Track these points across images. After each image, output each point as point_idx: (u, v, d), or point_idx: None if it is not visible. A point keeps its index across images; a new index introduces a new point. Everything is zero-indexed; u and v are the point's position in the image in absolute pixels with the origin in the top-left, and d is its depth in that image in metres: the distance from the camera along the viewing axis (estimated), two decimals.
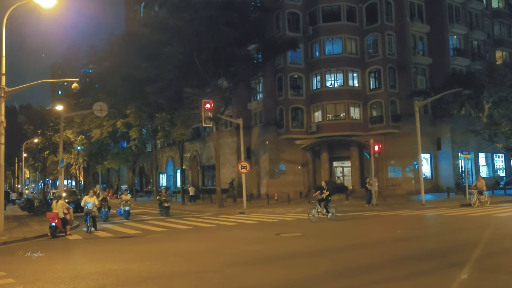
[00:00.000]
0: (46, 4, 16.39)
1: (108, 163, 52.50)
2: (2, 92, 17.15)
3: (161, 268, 9.58)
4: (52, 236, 16.32)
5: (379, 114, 38.43)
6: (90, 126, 44.70)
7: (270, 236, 14.57)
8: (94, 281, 8.41)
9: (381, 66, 38.15)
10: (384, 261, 9.62)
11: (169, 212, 25.50)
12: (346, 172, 40.34)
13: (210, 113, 26.71)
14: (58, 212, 16.69)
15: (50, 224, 16.55)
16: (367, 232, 15.76)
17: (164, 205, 25.56)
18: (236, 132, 37.81)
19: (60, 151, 27.81)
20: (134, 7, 62.79)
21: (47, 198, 38.45)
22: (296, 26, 40.23)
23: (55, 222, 16.46)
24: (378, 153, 27.45)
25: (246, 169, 28.52)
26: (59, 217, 16.67)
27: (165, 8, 35.47)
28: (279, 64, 39.87)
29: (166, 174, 57.30)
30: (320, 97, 39.13)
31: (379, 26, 38.33)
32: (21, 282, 8.54)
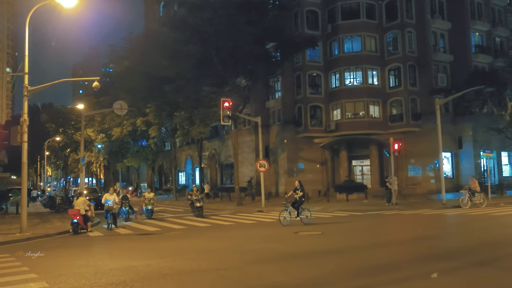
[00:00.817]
0: (67, 4, 16.62)
1: (128, 161, 53.10)
2: (25, 91, 17.47)
3: (181, 265, 9.65)
4: (74, 232, 16.61)
5: (399, 112, 38.01)
6: (111, 124, 45.23)
7: (288, 234, 14.54)
8: (115, 277, 8.52)
9: (401, 63, 37.71)
10: (404, 260, 9.52)
11: (203, 213, 22.89)
12: (365, 170, 40.01)
13: (228, 112, 26.75)
14: (79, 209, 17.00)
15: (72, 220, 16.84)
16: (387, 231, 15.62)
17: (196, 205, 22.91)
18: (255, 130, 37.81)
19: (81, 149, 28.23)
20: (154, 6, 63.29)
21: (69, 196, 39.13)
22: (314, 24, 40.02)
23: (76, 219, 16.77)
24: (398, 151, 27.17)
25: (265, 167, 28.50)
26: (81, 214, 16.99)
27: (184, 7, 35.65)
28: (297, 62, 39.72)
29: (185, 172, 57.64)
30: (339, 95, 38.89)
31: (399, 23, 37.89)
32: (43, 277, 8.69)
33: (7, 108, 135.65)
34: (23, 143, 16.88)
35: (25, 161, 17.17)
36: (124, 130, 43.97)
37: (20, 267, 9.87)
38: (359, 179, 39.20)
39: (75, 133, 50.43)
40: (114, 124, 44.55)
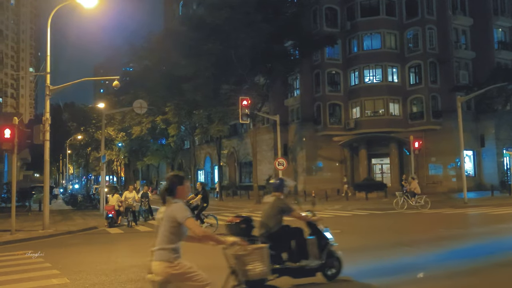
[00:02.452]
0: (88, 4, 16.85)
1: (148, 159, 53.63)
2: (47, 91, 17.77)
3: (201, 261, 9.66)
4: (109, 225, 17.92)
5: (419, 110, 37.55)
6: (131, 123, 45.67)
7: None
8: (135, 274, 8.61)
9: (421, 60, 37.23)
10: (426, 259, 9.40)
11: None
12: (385, 169, 39.63)
13: (247, 110, 26.75)
14: (114, 205, 18.54)
15: (107, 215, 18.44)
16: (408, 229, 15.44)
17: None
18: (273, 128, 37.80)
19: (102, 148, 28.56)
20: (173, 5, 63.74)
21: (90, 193, 39.70)
22: (333, 22, 39.78)
23: (112, 214, 18.25)
24: (418, 150, 26.88)
25: (283, 165, 28.42)
26: (115, 209, 18.50)
27: (203, 6, 35.87)
28: (316, 60, 39.55)
29: (204, 170, 57.96)
30: (358, 93, 38.61)
31: (420, 19, 37.40)
32: (65, 273, 8.84)
33: (30, 107, 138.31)
34: (45, 142, 17.17)
35: (47, 159, 17.46)
36: (144, 129, 44.35)
37: (43, 263, 10.05)
38: (379, 178, 38.84)
39: (96, 132, 51.04)
40: (134, 123, 44.97)
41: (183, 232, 4.28)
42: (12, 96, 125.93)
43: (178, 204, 4.28)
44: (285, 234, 7.14)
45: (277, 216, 7.05)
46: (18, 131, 16.06)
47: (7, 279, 8.42)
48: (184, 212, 4.20)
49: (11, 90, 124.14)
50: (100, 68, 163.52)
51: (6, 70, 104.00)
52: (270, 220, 7.04)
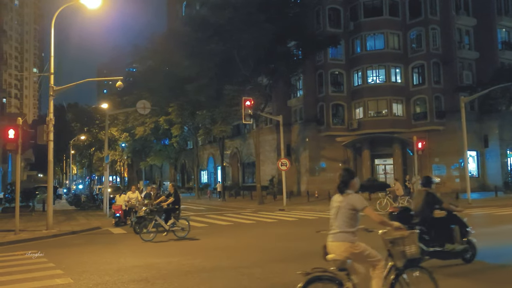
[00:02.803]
0: (92, 5, 16.91)
1: (151, 159, 53.71)
2: (50, 91, 17.84)
3: (202, 262, 9.72)
4: (116, 225, 18.27)
5: (423, 110, 37.48)
6: (134, 123, 45.77)
7: (310, 233, 14.47)
8: (137, 274, 8.65)
9: (425, 61, 37.16)
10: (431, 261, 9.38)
11: None
12: (388, 169, 39.55)
13: (250, 110, 26.81)
14: (121, 205, 19.06)
15: (115, 214, 18.91)
16: None
17: None
18: (276, 129, 37.78)
19: (105, 148, 28.64)
20: (176, 6, 63.79)
21: (93, 194, 39.80)
22: (337, 22, 39.75)
23: (119, 213, 18.63)
24: (421, 150, 26.84)
25: (286, 166, 28.47)
26: (122, 209, 18.82)
27: (206, 7, 35.84)
28: (319, 60, 39.54)
29: (207, 171, 58.01)
30: (361, 94, 38.57)
31: (423, 20, 37.33)
32: (68, 273, 8.87)
33: (34, 107, 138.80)
34: (49, 142, 17.24)
35: (51, 159, 17.53)
36: (147, 129, 44.45)
37: (47, 263, 10.09)
38: (382, 178, 38.78)
39: (100, 132, 51.21)
40: (138, 123, 45.07)
41: (358, 218, 5.05)
42: (16, 96, 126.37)
43: (355, 194, 5.11)
44: (443, 221, 8.69)
45: (430, 207, 8.50)
46: (22, 131, 16.13)
47: (11, 279, 8.46)
48: (362, 202, 5.01)
49: (15, 90, 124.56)
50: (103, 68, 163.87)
51: (10, 70, 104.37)
52: (424, 211, 8.47)
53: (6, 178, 48.33)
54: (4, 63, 48.85)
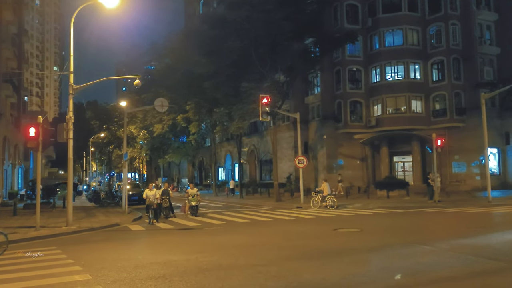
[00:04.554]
0: (109, 4, 17.07)
1: (169, 157, 54.14)
2: (70, 90, 18.09)
3: (219, 260, 9.76)
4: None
5: (442, 107, 36.96)
6: (152, 121, 46.18)
7: (327, 231, 14.45)
8: (155, 271, 8.72)
9: (444, 57, 36.62)
10: (448, 260, 9.27)
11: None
12: (407, 167, 39.17)
13: (267, 108, 26.76)
14: (157, 198, 19.94)
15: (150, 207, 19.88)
16: (430, 229, 15.24)
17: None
18: (293, 126, 37.72)
19: (124, 146, 28.88)
20: (193, 4, 64.05)
21: (112, 190, 40.25)
22: (354, 18, 39.42)
23: (154, 206, 19.50)
24: (441, 147, 26.37)
25: (303, 163, 28.39)
26: (157, 203, 19.80)
27: (223, 4, 35.92)
28: (337, 57, 39.29)
29: (225, 168, 58.19)
30: (379, 90, 38.21)
31: (443, 15, 36.78)
32: (87, 269, 9.00)
33: (55, 105, 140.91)
34: (69, 140, 17.48)
35: (70, 157, 17.78)
36: (165, 127, 44.81)
37: (66, 260, 10.25)
38: (401, 176, 38.40)
39: (118, 130, 51.69)
40: (156, 121, 45.48)
41: None
42: (37, 94, 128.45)
43: None
44: None
45: None
46: (42, 129, 16.38)
47: (31, 274, 8.61)
48: None
49: (36, 89, 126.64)
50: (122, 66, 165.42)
51: (32, 69, 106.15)
52: None
53: (28, 175, 49.24)
54: (26, 62, 49.69)
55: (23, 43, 46.09)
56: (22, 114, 45.57)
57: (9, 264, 9.82)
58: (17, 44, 41.98)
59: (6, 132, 35.65)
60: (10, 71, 37.69)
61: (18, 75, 40.44)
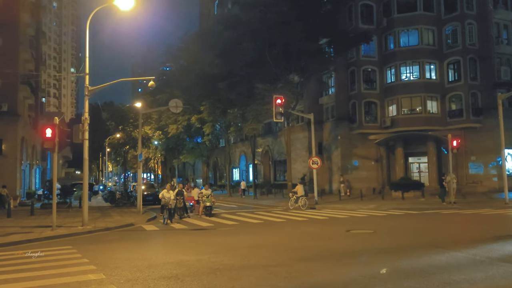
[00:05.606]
0: (124, 7, 17.27)
1: (184, 157, 54.42)
2: (86, 91, 18.34)
3: (231, 260, 9.82)
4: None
5: (459, 107, 36.55)
6: (167, 122, 46.52)
7: (340, 233, 14.42)
8: (167, 271, 8.82)
9: (460, 57, 36.21)
10: (462, 262, 9.20)
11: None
12: (422, 168, 38.79)
13: (281, 108, 26.78)
14: (193, 196, 22.89)
15: (189, 203, 22.60)
16: (444, 230, 15.11)
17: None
18: (308, 127, 37.62)
19: (139, 146, 29.19)
20: (208, 5, 64.39)
21: (128, 191, 40.63)
22: (369, 18, 39.20)
23: (192, 202, 22.66)
24: (456, 148, 26.12)
25: (317, 164, 28.34)
26: (195, 199, 22.74)
27: (238, 5, 36.02)
28: (351, 57, 39.11)
29: (239, 168, 58.32)
30: (394, 91, 37.94)
31: (459, 15, 36.37)
32: (101, 269, 9.13)
33: (71, 106, 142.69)
34: (84, 141, 17.70)
35: (86, 157, 18.01)
36: (180, 127, 45.10)
37: (81, 259, 10.42)
38: (416, 177, 38.06)
39: (134, 131, 52.18)
40: (170, 122, 45.80)
41: None
42: (55, 96, 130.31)
43: None
44: None
45: None
46: (59, 130, 16.65)
47: (47, 273, 8.77)
48: None
49: (53, 90, 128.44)
50: (137, 67, 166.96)
51: (49, 71, 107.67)
52: None
53: (45, 175, 49.96)
54: (43, 64, 50.45)
55: (40, 45, 46.79)
56: (40, 115, 46.28)
57: (25, 263, 10.01)
58: (34, 46, 42.65)
59: (24, 133, 36.24)
60: (28, 73, 38.31)
61: (36, 76, 41.08)
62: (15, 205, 29.56)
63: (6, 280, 8.30)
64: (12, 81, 32.22)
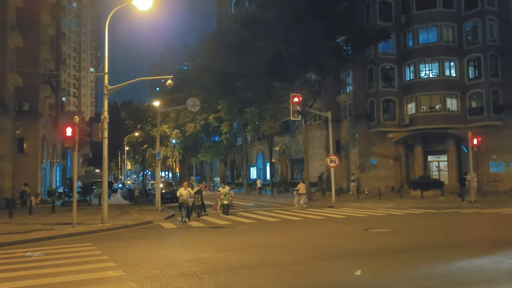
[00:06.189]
0: (142, 7, 17.43)
1: (202, 156, 54.71)
2: (105, 90, 18.56)
3: (248, 258, 9.85)
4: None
5: (479, 105, 35.98)
6: (185, 120, 46.80)
7: (358, 231, 14.34)
8: (186, 268, 8.89)
9: (481, 53, 35.62)
10: (483, 262, 9.05)
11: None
12: (442, 166, 38.31)
13: (298, 107, 26.70)
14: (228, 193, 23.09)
15: None
16: (464, 230, 14.90)
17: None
18: (325, 125, 37.47)
19: (157, 145, 29.40)
20: (226, 4, 64.51)
21: (146, 189, 40.99)
22: (387, 15, 38.82)
23: None
24: (477, 147, 25.70)
25: (335, 163, 28.19)
26: None
27: (255, 4, 36.02)
28: (369, 55, 38.80)
29: (256, 167, 58.37)
30: (413, 88, 37.53)
31: (479, 11, 35.78)
32: (121, 266, 9.25)
33: (91, 105, 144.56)
34: (104, 139, 17.92)
35: (105, 155, 18.23)
36: (197, 126, 45.34)
37: (101, 256, 10.56)
38: (435, 176, 37.62)
39: (152, 129, 52.57)
40: (188, 120, 46.08)
41: None
42: (75, 95, 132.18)
43: None
44: None
45: None
46: (79, 129, 16.89)
47: (68, 270, 8.92)
48: None
49: (73, 89, 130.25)
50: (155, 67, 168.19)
51: (69, 70, 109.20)
52: None
53: (66, 173, 50.71)
54: (63, 64, 51.20)
55: (60, 45, 47.49)
56: (60, 114, 47.00)
57: (47, 260, 10.20)
58: (55, 46, 43.31)
59: (45, 131, 36.84)
60: (49, 73, 38.93)
61: (56, 76, 41.71)
62: (37, 202, 30.10)
63: (28, 276, 8.46)
64: (33, 80, 32.78)
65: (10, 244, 12.94)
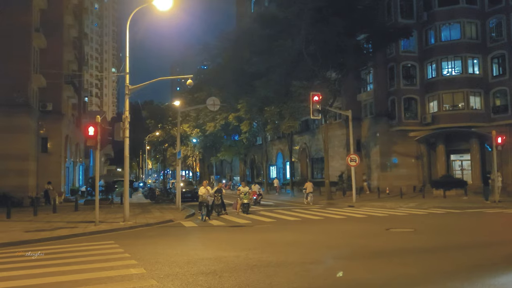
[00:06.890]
0: (163, 7, 17.59)
1: (222, 155, 54.95)
2: (126, 90, 18.79)
3: (268, 257, 9.86)
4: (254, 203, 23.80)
5: (503, 103, 35.27)
6: (205, 120, 47.03)
7: (378, 231, 14.23)
8: (206, 266, 8.95)
9: (505, 50, 34.90)
10: (507, 264, 8.91)
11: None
12: (465, 166, 37.67)
13: (318, 106, 26.60)
14: (255, 191, 26.19)
15: (253, 197, 24.54)
16: (488, 230, 14.66)
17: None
18: (345, 124, 37.21)
19: (177, 144, 29.62)
20: (245, 3, 64.59)
21: (167, 188, 41.35)
22: (409, 13, 38.34)
23: (255, 197, 25.87)
24: (501, 145, 25.21)
25: (356, 162, 28.01)
26: (257, 194, 26.44)
27: (275, 2, 35.93)
28: (390, 53, 38.38)
29: (276, 166, 58.33)
30: (435, 86, 37.00)
31: (504, 7, 35.06)
32: (142, 263, 9.37)
33: (113, 105, 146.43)
34: (125, 139, 18.14)
35: (127, 155, 18.46)
36: (217, 125, 45.55)
37: (123, 254, 10.72)
38: (458, 175, 37.01)
39: (172, 129, 53.03)
40: (208, 120, 46.29)
41: None
42: (97, 95, 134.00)
43: None
44: None
45: None
46: (101, 128, 17.15)
47: (91, 267, 9.08)
48: None
49: (95, 89, 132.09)
50: (176, 66, 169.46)
51: (91, 71, 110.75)
52: None
53: (88, 172, 51.49)
54: (86, 64, 51.94)
55: (83, 46, 48.21)
56: (83, 114, 47.71)
57: (71, 257, 10.38)
58: (77, 47, 43.98)
59: (68, 131, 37.46)
60: (72, 73, 39.55)
61: (79, 76, 42.37)
62: (60, 201, 30.63)
63: (53, 272, 8.65)
64: (56, 81, 33.35)
65: (38, 241, 13.25)
